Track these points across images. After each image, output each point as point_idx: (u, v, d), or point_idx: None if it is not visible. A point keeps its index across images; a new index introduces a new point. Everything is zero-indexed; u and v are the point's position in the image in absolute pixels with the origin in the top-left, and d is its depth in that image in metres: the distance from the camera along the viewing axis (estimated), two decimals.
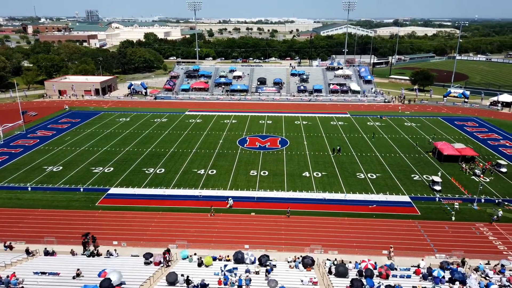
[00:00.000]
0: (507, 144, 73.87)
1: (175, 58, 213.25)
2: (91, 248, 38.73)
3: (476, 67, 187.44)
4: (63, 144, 72.84)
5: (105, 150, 69.98)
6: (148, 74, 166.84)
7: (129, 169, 60.90)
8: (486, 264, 36.43)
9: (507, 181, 56.66)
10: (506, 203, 49.48)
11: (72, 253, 37.74)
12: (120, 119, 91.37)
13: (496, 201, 50.00)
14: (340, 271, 33.05)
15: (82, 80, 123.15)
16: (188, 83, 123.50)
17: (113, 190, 53.56)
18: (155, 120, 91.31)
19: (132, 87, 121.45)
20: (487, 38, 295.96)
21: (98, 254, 37.67)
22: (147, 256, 35.75)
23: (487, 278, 33.47)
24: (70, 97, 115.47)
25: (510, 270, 35.00)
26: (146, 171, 60.22)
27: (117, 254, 37.79)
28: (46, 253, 37.80)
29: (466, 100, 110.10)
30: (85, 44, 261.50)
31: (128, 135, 78.89)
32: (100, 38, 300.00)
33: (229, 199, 49.40)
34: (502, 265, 35.27)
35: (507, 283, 32.13)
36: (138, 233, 42.66)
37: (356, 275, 32.94)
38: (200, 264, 35.00)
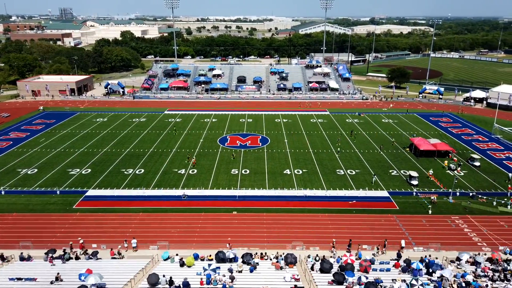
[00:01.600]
0: (479, 138, 76.38)
1: (153, 56, 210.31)
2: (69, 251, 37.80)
3: (449, 64, 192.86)
4: (38, 146, 70.72)
5: (82, 151, 68.37)
6: (126, 73, 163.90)
7: (107, 170, 59.73)
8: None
9: (480, 175, 58.61)
10: (479, 195, 51.18)
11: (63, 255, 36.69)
12: (97, 120, 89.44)
13: (470, 194, 51.66)
14: (325, 267, 33.44)
15: (56, 79, 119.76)
16: (166, 82, 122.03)
17: (91, 192, 52.41)
18: (134, 120, 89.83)
19: (109, 86, 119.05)
20: (459, 36, 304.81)
21: (77, 258, 36.81)
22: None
23: (459, 267, 34.59)
24: (47, 95, 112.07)
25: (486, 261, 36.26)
26: (125, 172, 59.21)
27: (97, 257, 37.03)
28: (22, 258, 36.64)
29: (440, 96, 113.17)
30: (59, 42, 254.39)
31: (105, 136, 77.32)
32: (74, 37, 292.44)
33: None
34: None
35: (482, 273, 33.28)
36: (118, 235, 41.90)
37: (338, 269, 33.40)
38: (182, 264, 34.71)
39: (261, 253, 36.87)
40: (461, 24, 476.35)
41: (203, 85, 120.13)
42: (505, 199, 49.71)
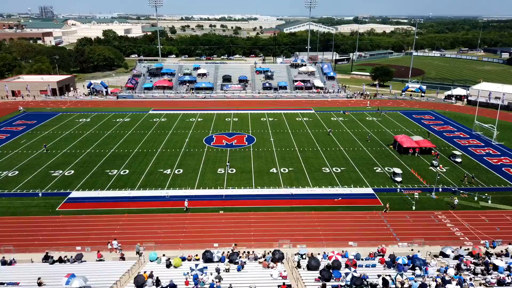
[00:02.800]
0: (461, 135, 78.11)
1: (136, 55, 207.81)
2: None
3: (431, 62, 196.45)
4: (19, 147, 69.08)
5: (64, 152, 67.13)
6: (109, 73, 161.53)
7: (91, 171, 58.81)
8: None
9: (462, 170, 59.95)
10: (461, 191, 52.36)
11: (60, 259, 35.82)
12: (80, 120, 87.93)
13: (453, 189, 52.82)
14: (313, 264, 33.69)
15: (37, 79, 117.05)
16: (151, 81, 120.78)
17: (74, 194, 51.53)
18: (118, 120, 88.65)
19: (92, 86, 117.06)
20: (441, 35, 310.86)
21: (61, 261, 36.13)
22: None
23: (442, 261, 35.34)
24: (27, 95, 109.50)
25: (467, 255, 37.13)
26: (110, 173, 58.41)
27: (82, 260, 36.43)
28: (4, 262, 35.75)
29: (423, 94, 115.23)
30: (39, 42, 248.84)
31: (89, 136, 76.09)
32: (55, 36, 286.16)
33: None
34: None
35: (464, 267, 34.07)
36: (103, 237, 41.33)
37: (324, 267, 33.69)
38: (168, 265, 34.46)
39: (248, 252, 36.89)
40: (442, 23, 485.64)
41: (187, 84, 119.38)
42: (486, 194, 50.96)
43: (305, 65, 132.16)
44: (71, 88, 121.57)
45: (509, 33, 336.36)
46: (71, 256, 36.59)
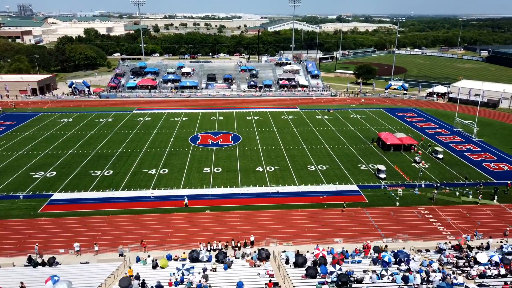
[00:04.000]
0: (442, 132, 79.72)
1: (119, 54, 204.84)
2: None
3: (413, 60, 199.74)
4: None
5: (46, 153, 65.72)
6: (91, 72, 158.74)
7: (73, 173, 57.75)
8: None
9: (444, 166, 61.21)
10: (443, 186, 53.48)
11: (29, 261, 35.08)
12: (62, 120, 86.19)
13: (435, 185, 53.88)
14: (299, 261, 33.91)
15: (16, 79, 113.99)
16: (134, 80, 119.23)
17: (57, 196, 50.51)
18: (101, 119, 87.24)
19: (74, 85, 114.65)
20: (422, 33, 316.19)
21: (43, 264, 35.40)
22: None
23: (425, 256, 36.08)
24: (6, 95, 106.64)
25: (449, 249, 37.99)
26: (93, 174, 57.47)
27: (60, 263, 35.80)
28: None
29: (405, 92, 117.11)
30: (18, 40, 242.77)
31: (71, 137, 74.67)
32: (35, 34, 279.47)
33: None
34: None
35: (447, 261, 34.86)
36: (87, 239, 40.65)
37: (311, 263, 33.98)
38: (154, 266, 34.18)
39: (237, 247, 36.86)
40: (423, 22, 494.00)
41: (172, 83, 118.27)
42: (467, 189, 52.17)
43: (290, 64, 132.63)
44: (52, 88, 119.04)
45: (488, 31, 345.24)
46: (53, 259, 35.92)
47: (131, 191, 52.07)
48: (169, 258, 35.37)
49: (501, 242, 39.38)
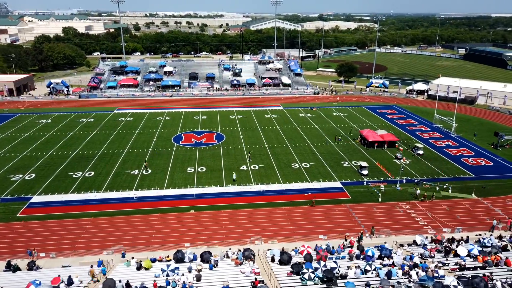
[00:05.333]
0: (422, 128, 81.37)
1: (99, 53, 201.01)
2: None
3: (393, 58, 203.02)
4: None
5: (24, 155, 64.02)
6: (70, 71, 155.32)
7: (53, 175, 56.46)
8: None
9: (424, 162, 62.52)
10: (424, 182, 54.63)
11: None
12: (40, 121, 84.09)
13: (415, 181, 54.99)
14: (284, 259, 34.05)
15: None
16: (115, 80, 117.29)
17: (36, 198, 49.29)
18: (81, 120, 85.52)
19: (52, 85, 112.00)
20: (401, 32, 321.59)
21: (30, 268, 34.38)
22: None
23: (407, 250, 36.81)
24: None
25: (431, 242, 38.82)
26: (74, 175, 56.32)
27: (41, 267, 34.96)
28: None
29: (386, 89, 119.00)
30: None
31: (50, 138, 72.95)
32: (11, 33, 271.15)
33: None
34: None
35: (428, 254, 35.62)
36: (68, 242, 39.84)
37: (296, 261, 34.16)
38: (139, 267, 33.75)
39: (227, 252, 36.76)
40: (402, 20, 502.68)
41: (154, 82, 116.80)
42: (446, 184, 53.42)
43: (273, 62, 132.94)
44: (30, 88, 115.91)
45: (464, 29, 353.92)
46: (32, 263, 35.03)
47: (113, 192, 51.26)
48: (153, 260, 34.97)
49: (480, 235, 40.49)
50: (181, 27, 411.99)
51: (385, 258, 34.42)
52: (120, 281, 30.07)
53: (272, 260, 34.67)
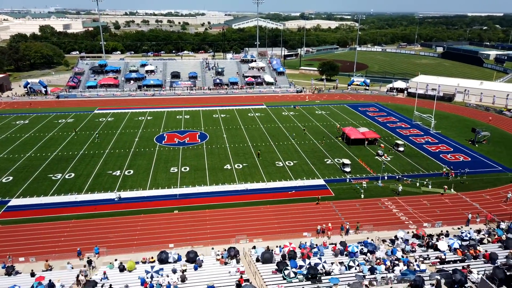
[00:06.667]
0: (402, 125, 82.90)
1: (77, 52, 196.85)
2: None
3: (374, 57, 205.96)
4: None
5: (1, 157, 62.15)
6: (48, 71, 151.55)
7: (32, 177, 55.02)
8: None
9: (405, 159, 63.72)
10: (405, 178, 55.67)
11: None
12: (17, 122, 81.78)
13: (397, 177, 56.00)
14: (266, 257, 34.15)
15: None
16: (95, 79, 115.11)
17: (14, 202, 47.96)
18: (60, 121, 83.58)
19: (29, 85, 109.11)
20: (381, 31, 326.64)
21: (8, 274, 33.43)
22: None
23: (389, 245, 37.48)
24: None
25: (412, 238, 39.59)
26: (53, 177, 55.02)
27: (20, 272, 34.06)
28: None
29: (367, 87, 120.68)
30: None
31: (28, 139, 71.05)
32: None
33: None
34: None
35: (410, 249, 36.34)
36: (49, 246, 38.93)
37: (280, 258, 34.33)
38: (122, 269, 33.27)
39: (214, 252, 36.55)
40: (382, 19, 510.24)
41: (135, 82, 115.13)
42: (426, 180, 54.60)
43: (255, 61, 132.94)
44: (5, 88, 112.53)
45: (442, 28, 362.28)
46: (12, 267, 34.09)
47: (94, 194, 50.34)
48: (137, 263, 34.51)
49: (460, 228, 41.55)
50: (162, 26, 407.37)
51: (368, 254, 34.94)
52: (102, 286, 29.56)
53: (257, 260, 34.72)
